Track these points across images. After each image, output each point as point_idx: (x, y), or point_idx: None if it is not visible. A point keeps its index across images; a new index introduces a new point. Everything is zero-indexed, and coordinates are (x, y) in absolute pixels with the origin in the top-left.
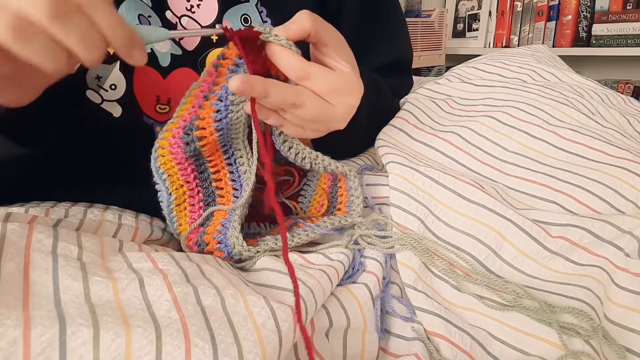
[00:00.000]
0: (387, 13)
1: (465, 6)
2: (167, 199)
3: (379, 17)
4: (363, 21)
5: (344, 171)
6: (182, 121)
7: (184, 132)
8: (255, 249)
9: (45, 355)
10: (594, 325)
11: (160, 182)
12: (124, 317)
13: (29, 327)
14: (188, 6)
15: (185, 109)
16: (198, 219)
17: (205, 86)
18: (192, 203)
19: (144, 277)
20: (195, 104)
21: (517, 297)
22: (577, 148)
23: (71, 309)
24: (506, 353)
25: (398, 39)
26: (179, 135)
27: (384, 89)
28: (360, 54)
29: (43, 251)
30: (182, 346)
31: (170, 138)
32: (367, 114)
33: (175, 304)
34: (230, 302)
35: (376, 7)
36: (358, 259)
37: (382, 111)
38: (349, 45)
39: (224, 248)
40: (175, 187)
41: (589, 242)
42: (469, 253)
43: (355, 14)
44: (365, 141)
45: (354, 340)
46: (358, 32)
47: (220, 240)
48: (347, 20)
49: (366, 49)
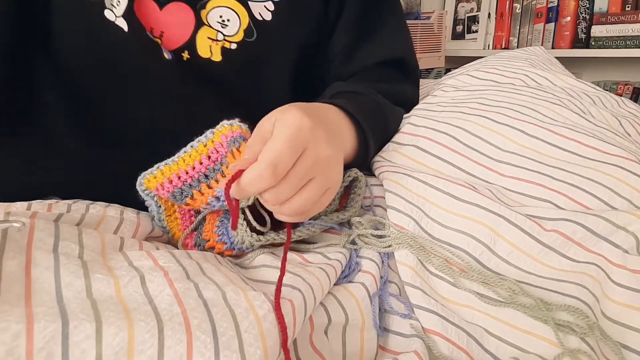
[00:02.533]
0: (388, 12)
1: (464, 8)
2: (156, 210)
3: (380, 13)
4: (364, 14)
5: (356, 175)
6: (176, 177)
7: (173, 195)
8: (258, 237)
9: (48, 349)
10: (590, 323)
11: (147, 198)
12: (126, 311)
13: (31, 321)
14: None
15: (185, 164)
16: (190, 224)
17: (211, 161)
18: (182, 212)
19: (145, 274)
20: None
21: (513, 294)
22: (571, 145)
23: (73, 304)
24: (502, 350)
25: (400, 38)
26: (167, 192)
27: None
28: (360, 45)
29: (44, 250)
30: (184, 339)
31: (159, 186)
32: (375, 144)
33: (177, 298)
34: (231, 296)
35: (377, 6)
36: (354, 258)
37: (389, 133)
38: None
39: (225, 240)
40: (163, 200)
41: (582, 236)
42: (464, 250)
43: (356, 5)
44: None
45: (353, 337)
46: (359, 23)
47: (221, 232)
48: (348, 10)
49: (366, 39)
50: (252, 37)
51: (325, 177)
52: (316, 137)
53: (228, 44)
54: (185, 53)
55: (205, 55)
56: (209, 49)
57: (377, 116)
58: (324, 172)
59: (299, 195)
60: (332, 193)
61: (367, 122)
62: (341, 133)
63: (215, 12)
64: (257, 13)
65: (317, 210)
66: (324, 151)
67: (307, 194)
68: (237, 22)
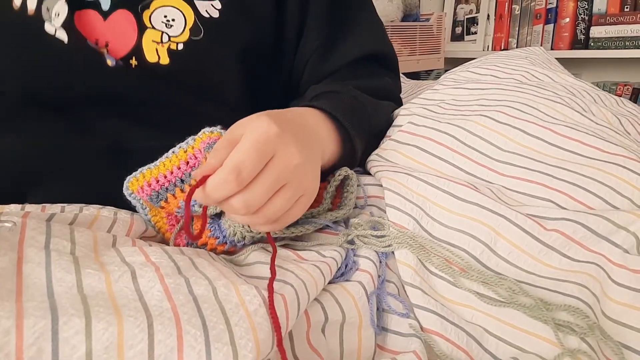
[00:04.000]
0: (357, 8)
1: (463, 10)
2: (142, 212)
3: (348, 11)
4: (332, 12)
5: (346, 174)
6: (155, 181)
7: (151, 197)
8: (249, 228)
9: (38, 345)
10: (590, 323)
11: (132, 200)
12: (115, 307)
13: (21, 317)
14: None
15: (165, 169)
16: (177, 223)
17: (189, 167)
18: (167, 212)
19: (136, 269)
20: (172, 177)
21: (513, 294)
22: (572, 145)
23: (63, 299)
24: (502, 349)
25: (374, 32)
26: (147, 195)
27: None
28: (333, 44)
29: (36, 247)
30: (174, 333)
31: (140, 188)
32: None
33: (167, 294)
34: (222, 292)
35: (344, 2)
36: (351, 257)
37: (375, 127)
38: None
39: (218, 234)
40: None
41: (583, 236)
42: (464, 249)
43: (322, 4)
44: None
45: (350, 335)
46: (329, 22)
47: (213, 228)
48: (313, 9)
49: (338, 39)
50: (199, 35)
51: (297, 184)
52: (286, 144)
53: (174, 45)
54: (132, 59)
55: (152, 59)
56: (155, 53)
57: (358, 111)
58: (295, 178)
59: (271, 202)
60: (308, 200)
61: (349, 120)
62: (319, 136)
63: (159, 13)
64: (204, 10)
65: (292, 219)
66: (294, 157)
67: (279, 200)
68: (182, 21)
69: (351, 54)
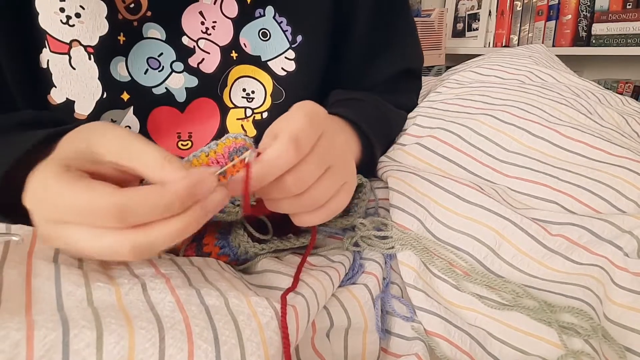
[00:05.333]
0: (398, 20)
1: (465, 6)
2: None
3: (390, 23)
4: (374, 26)
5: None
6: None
7: None
8: (261, 246)
9: (48, 357)
10: (594, 325)
11: None
12: (127, 318)
13: (31, 329)
14: (203, 29)
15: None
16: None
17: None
18: None
19: (147, 281)
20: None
21: (517, 297)
22: (578, 146)
23: (74, 312)
24: (506, 353)
25: (408, 48)
26: None
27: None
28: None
29: (45, 260)
30: (185, 348)
31: None
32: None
33: (179, 305)
34: (234, 302)
35: (388, 13)
36: (358, 260)
37: (394, 136)
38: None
39: (228, 252)
40: None
41: (588, 240)
42: (468, 252)
43: (368, 16)
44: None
45: (355, 340)
46: (368, 39)
47: (222, 245)
48: (359, 24)
49: (375, 57)
50: (280, 98)
51: (341, 168)
52: (331, 124)
53: (259, 115)
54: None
55: None
56: (241, 129)
57: (380, 120)
58: (339, 161)
59: (318, 183)
60: (350, 189)
61: (371, 129)
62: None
63: (237, 87)
64: (280, 69)
65: (339, 206)
66: (339, 139)
67: (326, 182)
68: (262, 92)
69: (383, 74)
